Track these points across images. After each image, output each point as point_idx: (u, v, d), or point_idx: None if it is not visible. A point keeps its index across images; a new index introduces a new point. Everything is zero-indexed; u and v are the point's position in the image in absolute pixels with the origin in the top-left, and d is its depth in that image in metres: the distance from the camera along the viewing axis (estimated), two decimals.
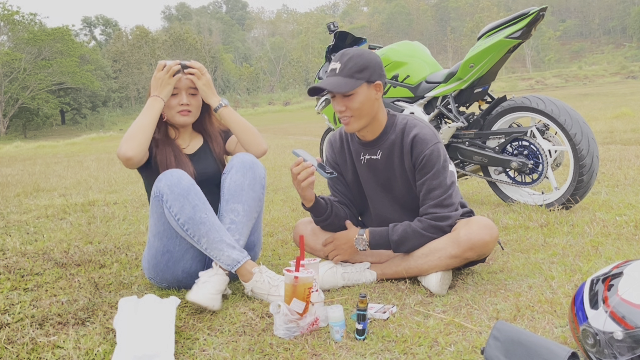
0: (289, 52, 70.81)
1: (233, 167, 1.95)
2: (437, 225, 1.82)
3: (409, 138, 1.84)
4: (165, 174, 1.82)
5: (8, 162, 11.05)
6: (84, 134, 28.77)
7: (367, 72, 1.77)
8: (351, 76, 1.75)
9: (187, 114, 2.00)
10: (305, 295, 1.49)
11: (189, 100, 1.99)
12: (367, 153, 1.95)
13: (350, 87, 1.74)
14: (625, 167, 4.08)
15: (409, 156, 1.86)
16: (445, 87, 3.09)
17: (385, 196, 1.97)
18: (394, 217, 1.96)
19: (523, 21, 2.72)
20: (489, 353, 1.21)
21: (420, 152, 1.82)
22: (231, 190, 1.91)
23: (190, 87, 1.98)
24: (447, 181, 1.83)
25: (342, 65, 1.77)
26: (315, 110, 3.94)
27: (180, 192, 1.77)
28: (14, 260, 2.53)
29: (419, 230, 1.83)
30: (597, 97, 18.21)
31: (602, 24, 76.73)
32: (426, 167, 1.82)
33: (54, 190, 5.29)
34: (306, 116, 27.40)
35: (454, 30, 72.67)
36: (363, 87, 1.77)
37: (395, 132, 1.89)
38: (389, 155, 1.90)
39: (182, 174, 1.82)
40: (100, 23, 75.53)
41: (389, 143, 1.90)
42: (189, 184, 1.80)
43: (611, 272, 1.21)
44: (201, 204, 1.80)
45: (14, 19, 44.28)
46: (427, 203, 1.84)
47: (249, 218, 1.91)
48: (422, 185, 1.85)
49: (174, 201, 1.77)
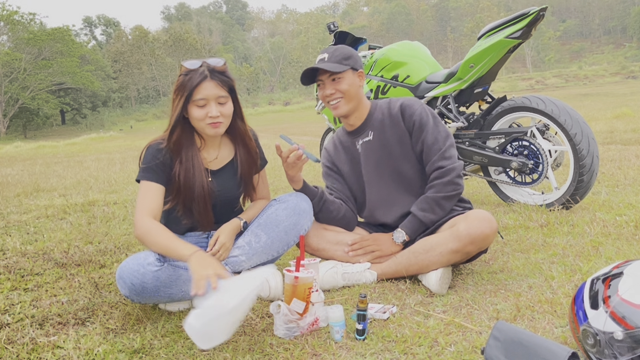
0: (289, 52, 70.84)
1: (287, 202, 1.91)
2: (447, 181, 1.92)
3: (395, 108, 2.03)
4: (126, 273, 1.62)
5: (8, 162, 11.05)
6: (84, 134, 28.79)
7: (352, 60, 1.99)
8: (339, 62, 1.96)
9: (218, 125, 1.77)
10: (305, 295, 1.49)
11: (219, 110, 1.76)
12: (360, 138, 2.09)
13: (340, 69, 1.94)
14: (625, 167, 4.08)
15: (401, 124, 2.01)
16: (445, 87, 3.09)
17: (384, 176, 2.06)
18: (393, 197, 2.05)
19: (523, 21, 2.72)
20: (489, 353, 1.21)
21: (411, 114, 1.99)
22: (268, 220, 1.88)
23: (219, 96, 1.75)
24: (442, 134, 1.97)
25: (330, 54, 1.98)
26: (315, 110, 3.94)
27: (148, 296, 1.65)
28: (14, 260, 2.53)
29: (436, 195, 1.92)
30: (597, 97, 18.21)
31: (602, 24, 76.75)
32: (420, 126, 1.97)
33: (54, 190, 5.29)
34: (306, 116, 27.41)
35: (454, 30, 72.69)
36: (349, 72, 1.98)
37: (381, 111, 2.06)
38: (380, 133, 2.04)
39: (143, 278, 1.61)
40: (101, 23, 75.58)
41: (378, 121, 2.05)
42: (153, 287, 1.63)
43: (611, 272, 1.21)
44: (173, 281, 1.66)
45: (13, 19, 44.28)
46: (431, 159, 1.96)
47: (266, 252, 1.85)
48: (421, 145, 1.98)
49: (141, 300, 1.66)
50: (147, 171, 1.76)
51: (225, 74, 1.78)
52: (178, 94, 1.76)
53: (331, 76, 1.96)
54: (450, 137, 1.98)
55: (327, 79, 1.98)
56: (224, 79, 1.77)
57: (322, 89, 2.01)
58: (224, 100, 1.77)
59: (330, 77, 1.97)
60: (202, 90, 1.72)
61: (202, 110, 1.74)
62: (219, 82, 1.75)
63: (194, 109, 1.75)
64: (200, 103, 1.73)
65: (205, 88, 1.73)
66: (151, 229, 1.67)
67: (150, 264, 1.64)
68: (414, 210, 1.94)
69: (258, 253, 1.83)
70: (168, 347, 1.49)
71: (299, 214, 1.88)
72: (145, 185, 1.76)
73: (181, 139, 1.79)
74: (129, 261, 1.66)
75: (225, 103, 1.78)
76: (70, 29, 48.56)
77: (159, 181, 1.77)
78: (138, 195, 1.77)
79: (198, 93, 1.72)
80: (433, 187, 1.94)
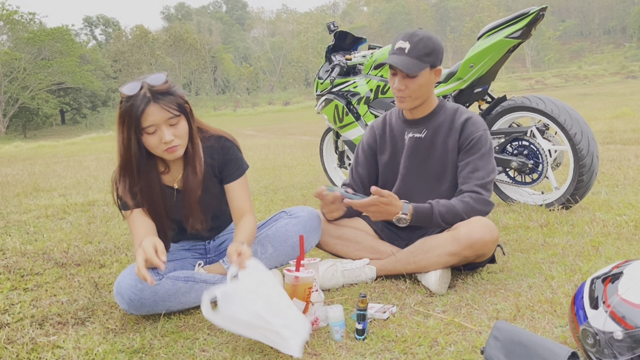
0: (288, 52, 70.80)
1: (299, 218, 1.88)
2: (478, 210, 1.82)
3: (461, 119, 1.92)
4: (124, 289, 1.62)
5: (8, 162, 11.04)
6: (84, 134, 28.76)
7: (434, 56, 1.85)
8: (419, 58, 1.82)
9: (175, 149, 1.66)
10: (305, 295, 1.49)
11: (172, 133, 1.62)
12: (412, 131, 2.00)
13: (417, 70, 1.81)
14: (625, 167, 4.08)
15: (456, 136, 1.92)
16: (445, 86, 3.09)
17: (420, 176, 2.00)
18: (420, 198, 1.94)
19: (523, 21, 2.72)
20: (489, 353, 1.21)
21: (471, 133, 1.89)
22: (277, 233, 1.86)
23: (168, 119, 1.60)
24: (490, 166, 1.88)
25: (412, 45, 1.82)
26: (315, 110, 3.94)
27: (147, 310, 1.65)
28: (14, 260, 2.53)
29: (459, 204, 1.81)
30: (597, 97, 18.21)
31: (602, 24, 76.73)
32: (474, 148, 1.88)
33: (53, 190, 5.29)
34: (306, 116, 27.40)
35: (454, 30, 72.66)
36: (426, 71, 1.85)
37: (445, 115, 1.96)
38: (433, 135, 1.96)
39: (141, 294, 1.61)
40: (100, 23, 75.54)
41: (437, 123, 1.96)
42: (152, 301, 1.64)
43: (611, 272, 1.21)
44: (171, 294, 1.66)
45: (13, 19, 44.26)
46: (470, 182, 1.86)
47: (269, 264, 1.84)
48: (466, 165, 1.89)
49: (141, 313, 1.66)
50: (125, 200, 1.75)
51: (169, 92, 1.62)
52: (124, 125, 1.61)
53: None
54: (495, 173, 1.90)
55: (401, 72, 1.85)
56: (170, 98, 1.61)
57: (393, 78, 1.89)
58: (175, 121, 1.63)
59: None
60: (148, 117, 1.58)
61: (154, 137, 1.61)
62: (164, 104, 1.59)
63: (146, 137, 1.62)
64: (150, 130, 1.60)
65: (151, 114, 1.58)
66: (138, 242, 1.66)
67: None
68: (433, 204, 1.83)
69: (265, 263, 1.84)
70: (168, 347, 1.49)
71: (309, 232, 1.89)
72: (128, 216, 1.76)
73: (139, 169, 1.69)
74: (126, 276, 1.65)
75: (176, 124, 1.63)
76: (70, 28, 48.54)
77: (138, 205, 1.74)
78: (128, 226, 1.78)
79: (145, 121, 1.58)
80: (463, 201, 1.82)
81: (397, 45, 1.86)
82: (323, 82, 3.77)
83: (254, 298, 1.35)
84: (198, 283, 1.73)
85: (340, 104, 3.55)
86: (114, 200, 1.77)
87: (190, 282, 1.72)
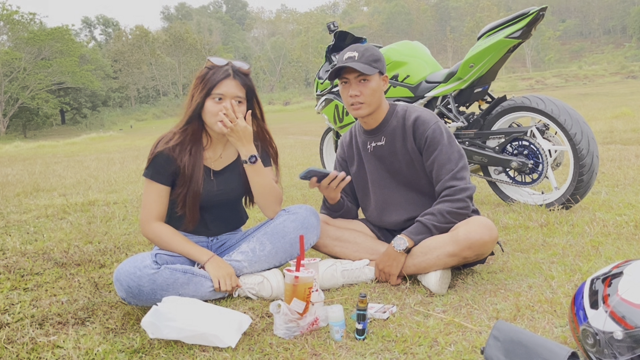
0: (288, 52, 70.81)
1: (296, 215, 1.89)
2: (458, 199, 1.84)
3: (409, 122, 1.96)
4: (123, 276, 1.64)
5: (8, 162, 11.05)
6: (84, 134, 28.78)
7: (380, 63, 1.95)
8: (369, 64, 1.91)
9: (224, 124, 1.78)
10: (305, 295, 1.49)
11: (235, 111, 1.78)
12: (373, 141, 2.06)
13: (370, 72, 1.90)
14: (625, 167, 4.08)
15: (411, 139, 1.95)
16: (445, 87, 3.09)
17: (392, 181, 2.04)
18: (399, 201, 2.03)
19: (523, 21, 2.72)
20: (489, 353, 1.21)
21: (423, 132, 1.93)
22: (275, 230, 1.87)
23: (237, 96, 1.79)
24: (455, 155, 1.90)
25: (360, 54, 1.92)
26: (315, 110, 3.94)
27: (145, 299, 1.66)
28: (14, 260, 2.53)
29: (442, 207, 1.85)
30: (597, 97, 18.22)
31: (602, 24, 76.75)
32: (431, 145, 1.91)
33: (53, 190, 5.29)
34: (306, 116, 27.41)
35: (454, 30, 72.69)
36: (377, 76, 1.94)
37: (397, 119, 2.01)
38: (391, 141, 2.01)
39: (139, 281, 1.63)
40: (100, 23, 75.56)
41: (391, 129, 2.01)
42: (149, 289, 1.65)
43: (611, 272, 1.21)
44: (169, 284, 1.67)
45: (13, 19, 44.28)
46: (442, 179, 1.89)
47: (268, 261, 1.86)
48: (432, 164, 1.92)
49: (138, 302, 1.68)
50: (155, 172, 1.81)
51: (247, 77, 1.85)
52: (199, 86, 1.80)
53: (360, 77, 1.91)
54: (464, 159, 1.91)
55: (354, 79, 1.92)
56: (246, 80, 1.83)
57: (346, 87, 1.95)
58: (242, 99, 1.82)
59: (358, 78, 1.91)
60: (223, 87, 1.77)
61: (217, 105, 1.78)
62: (240, 82, 1.81)
63: (210, 102, 1.78)
64: (219, 95, 1.77)
65: (226, 85, 1.78)
66: (162, 233, 1.82)
67: (146, 267, 1.65)
68: (419, 218, 1.88)
69: (260, 261, 1.85)
70: (168, 347, 1.49)
71: (307, 228, 1.89)
72: (151, 186, 1.82)
73: (194, 133, 1.83)
74: (126, 264, 1.68)
75: (242, 103, 1.82)
76: (70, 28, 48.55)
77: (165, 183, 1.82)
78: (144, 193, 1.84)
79: (218, 88, 1.77)
80: (442, 202, 1.86)
81: (346, 56, 1.93)
82: (323, 82, 3.77)
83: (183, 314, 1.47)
84: (197, 277, 1.75)
85: (341, 104, 3.55)
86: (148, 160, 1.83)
87: (189, 275, 1.73)
